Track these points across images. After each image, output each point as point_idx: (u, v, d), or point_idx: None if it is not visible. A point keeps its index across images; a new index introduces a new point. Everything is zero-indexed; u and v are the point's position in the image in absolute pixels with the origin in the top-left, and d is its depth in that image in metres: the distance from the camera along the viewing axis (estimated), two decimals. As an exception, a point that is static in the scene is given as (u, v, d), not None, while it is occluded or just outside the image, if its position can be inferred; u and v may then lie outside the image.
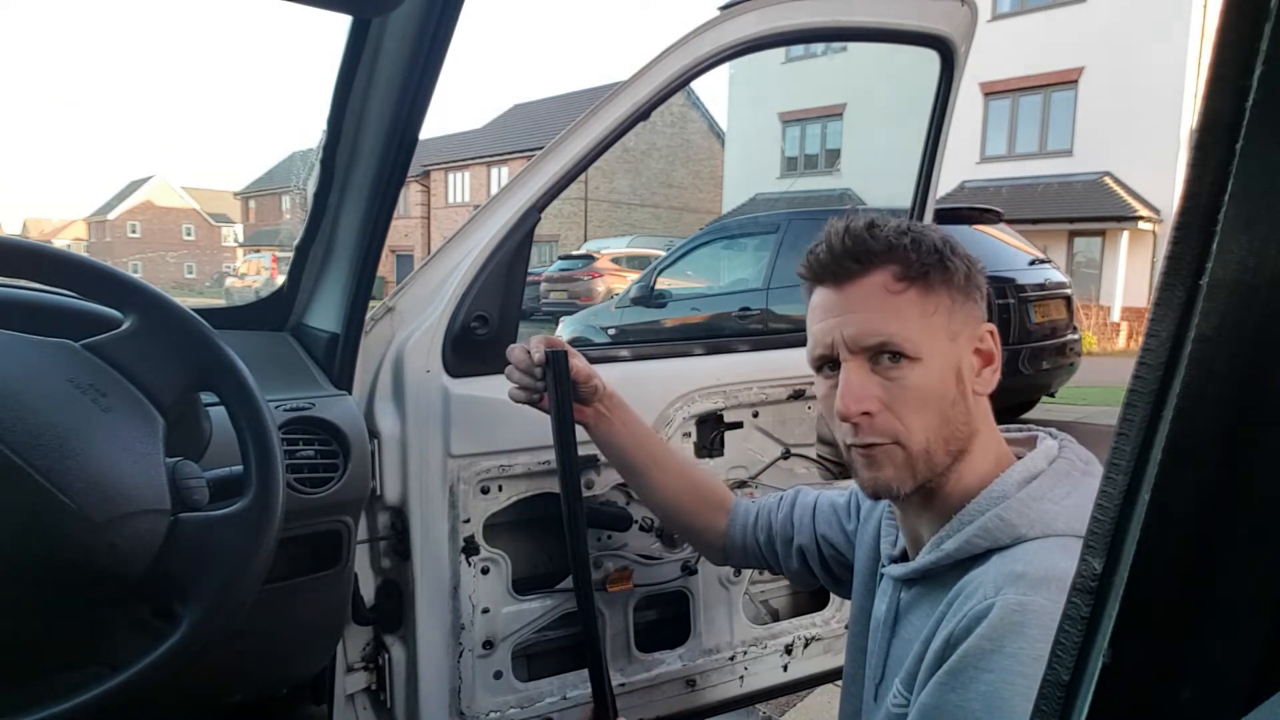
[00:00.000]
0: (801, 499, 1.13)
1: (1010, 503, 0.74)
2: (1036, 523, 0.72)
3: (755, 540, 1.13)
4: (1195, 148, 0.30)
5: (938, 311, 0.78)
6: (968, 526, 0.75)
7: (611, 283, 12.50)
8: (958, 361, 0.78)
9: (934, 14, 1.44)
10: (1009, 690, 0.64)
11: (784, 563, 1.12)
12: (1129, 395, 0.33)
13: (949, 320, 0.78)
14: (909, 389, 0.76)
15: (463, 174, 26.82)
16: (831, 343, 0.79)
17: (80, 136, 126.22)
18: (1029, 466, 0.77)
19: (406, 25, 0.97)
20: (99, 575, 0.66)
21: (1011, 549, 0.72)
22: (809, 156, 18.55)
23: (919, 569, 0.79)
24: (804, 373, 1.51)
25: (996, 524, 0.73)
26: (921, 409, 0.76)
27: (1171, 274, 0.31)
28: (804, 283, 0.84)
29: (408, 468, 1.19)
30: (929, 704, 0.70)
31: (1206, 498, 0.31)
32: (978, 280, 0.81)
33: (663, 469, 1.17)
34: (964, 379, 0.78)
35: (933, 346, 0.77)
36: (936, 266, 0.78)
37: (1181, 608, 0.32)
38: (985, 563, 0.73)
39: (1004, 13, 15.16)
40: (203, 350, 0.76)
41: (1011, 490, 0.75)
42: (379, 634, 1.28)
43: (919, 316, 0.77)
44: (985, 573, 0.72)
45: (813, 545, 1.08)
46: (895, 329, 0.76)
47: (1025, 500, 0.74)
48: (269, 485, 0.75)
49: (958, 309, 0.79)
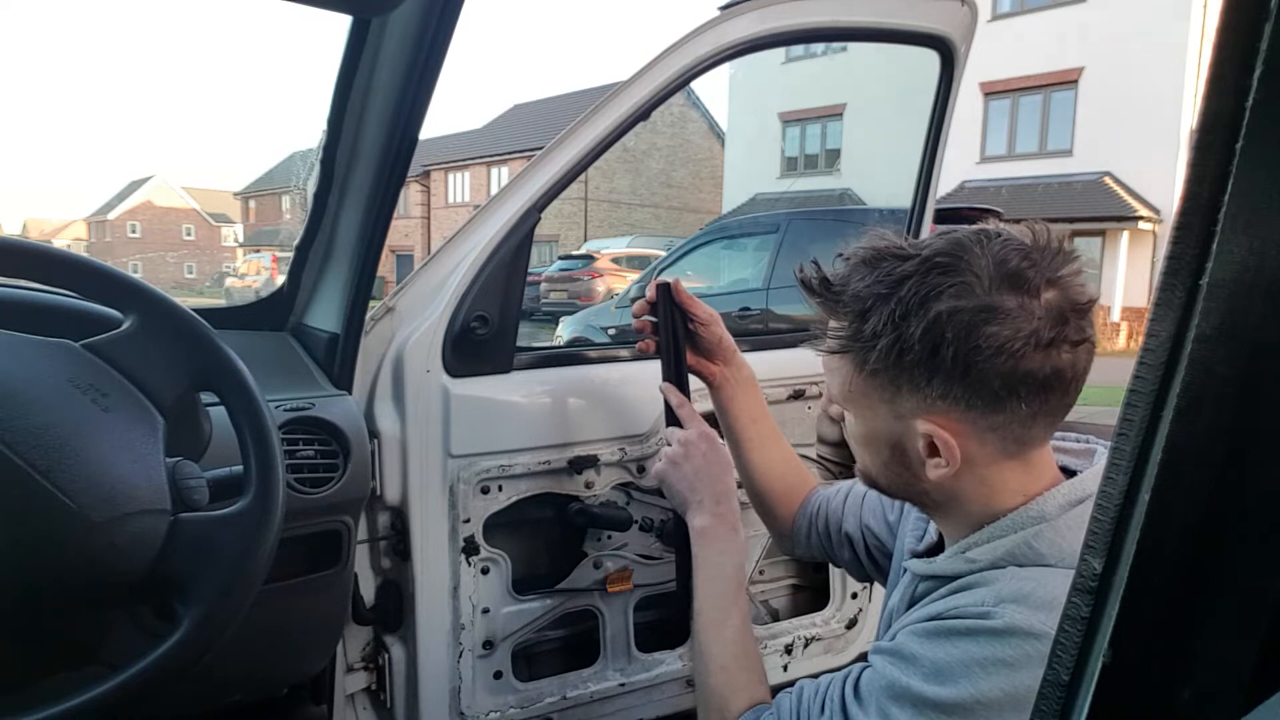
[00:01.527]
0: (855, 489, 1.12)
1: (1043, 529, 0.69)
2: (1066, 554, 0.68)
3: (816, 531, 1.14)
4: (1195, 148, 0.30)
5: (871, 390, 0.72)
6: (999, 540, 0.71)
7: (611, 283, 12.49)
8: (897, 438, 0.73)
9: (934, 14, 1.44)
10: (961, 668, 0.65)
11: (838, 553, 1.12)
12: (1129, 395, 0.33)
13: (891, 399, 0.71)
14: (846, 425, 0.79)
15: (463, 174, 26.81)
16: None
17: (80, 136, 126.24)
18: (1077, 489, 0.70)
19: (406, 25, 0.97)
20: (99, 575, 0.66)
21: (1026, 569, 0.69)
22: (809, 156, 18.54)
23: (941, 574, 0.76)
24: (804, 373, 1.51)
25: (1023, 549, 0.69)
26: (860, 450, 0.79)
27: (1171, 274, 0.31)
28: None
29: (408, 468, 1.19)
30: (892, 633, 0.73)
31: (1206, 498, 0.31)
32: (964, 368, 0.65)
33: (764, 452, 1.19)
34: (907, 455, 0.73)
35: (860, 414, 0.75)
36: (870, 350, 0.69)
37: (1181, 608, 0.32)
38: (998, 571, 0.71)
39: (1004, 13, 15.15)
40: (203, 350, 0.76)
41: (1052, 512, 0.69)
42: (379, 634, 1.28)
43: (847, 385, 0.74)
44: (993, 583, 0.69)
45: (858, 534, 1.08)
46: (830, 382, 0.78)
47: (1060, 529, 0.69)
48: (269, 485, 0.75)
49: (903, 398, 0.69)
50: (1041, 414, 0.68)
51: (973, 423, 0.68)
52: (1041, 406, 0.67)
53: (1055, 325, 0.65)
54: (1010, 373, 0.65)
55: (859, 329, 0.70)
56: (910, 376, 0.68)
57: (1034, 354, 0.64)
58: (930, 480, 0.72)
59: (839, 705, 0.74)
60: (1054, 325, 0.65)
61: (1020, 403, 0.66)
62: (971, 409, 0.67)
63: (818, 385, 1.51)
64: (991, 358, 0.64)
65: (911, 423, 0.70)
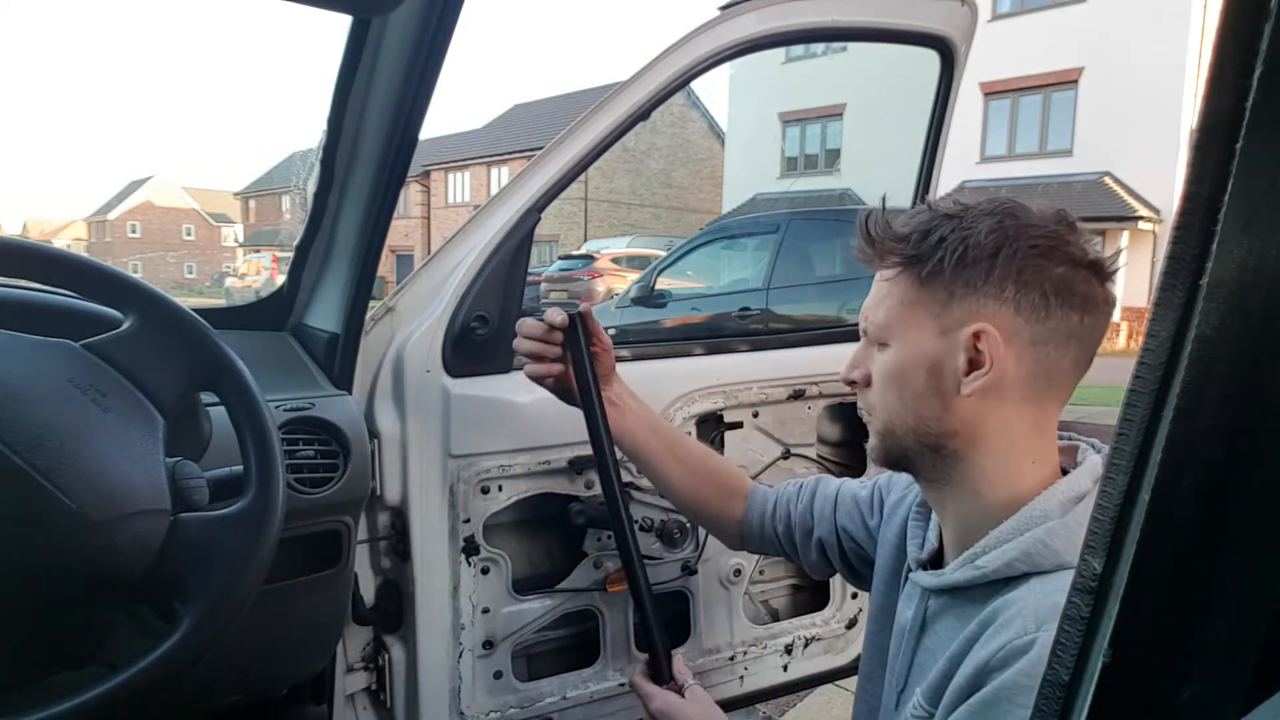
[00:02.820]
0: (822, 489, 1.11)
1: (1053, 526, 0.70)
2: None
3: (774, 529, 1.12)
4: (1195, 148, 0.30)
5: (920, 303, 0.75)
6: (1006, 545, 0.72)
7: (611, 283, 12.49)
8: (937, 357, 0.75)
9: (934, 14, 1.44)
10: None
11: (802, 554, 1.11)
12: (1129, 395, 0.32)
13: (940, 313, 0.74)
14: (879, 368, 0.80)
15: (463, 174, 26.81)
16: None
17: (80, 136, 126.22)
18: (1073, 486, 0.73)
19: (406, 25, 0.97)
20: (99, 575, 0.66)
21: (1052, 575, 0.69)
22: (809, 156, 18.54)
23: (949, 584, 0.76)
24: (804, 373, 1.51)
25: (1039, 549, 0.70)
26: (884, 391, 0.79)
27: (1171, 274, 0.31)
28: None
29: (408, 468, 1.19)
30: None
31: (1206, 498, 0.31)
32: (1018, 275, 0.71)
33: (678, 457, 1.16)
34: (942, 376, 0.75)
35: (903, 336, 0.77)
36: (929, 258, 0.74)
37: (1181, 608, 0.32)
38: (1023, 585, 0.70)
39: (1004, 13, 15.15)
40: (203, 350, 0.76)
41: (1054, 512, 0.71)
42: (379, 634, 1.28)
43: (898, 305, 0.77)
44: (1024, 600, 0.69)
45: (833, 538, 1.07)
46: (874, 315, 0.79)
47: (1070, 526, 0.70)
48: (269, 485, 0.75)
49: (955, 304, 0.73)
50: (1074, 342, 0.73)
51: (1018, 331, 0.72)
52: (1076, 331, 0.72)
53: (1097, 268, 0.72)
54: (1060, 280, 0.71)
55: (921, 242, 0.75)
56: (967, 277, 0.72)
57: (1081, 274, 0.71)
58: (960, 413, 0.74)
59: None
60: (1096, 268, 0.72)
61: (1064, 317, 0.71)
62: (1020, 314, 0.71)
63: (818, 385, 1.51)
64: (1047, 262, 0.71)
65: (956, 335, 0.73)
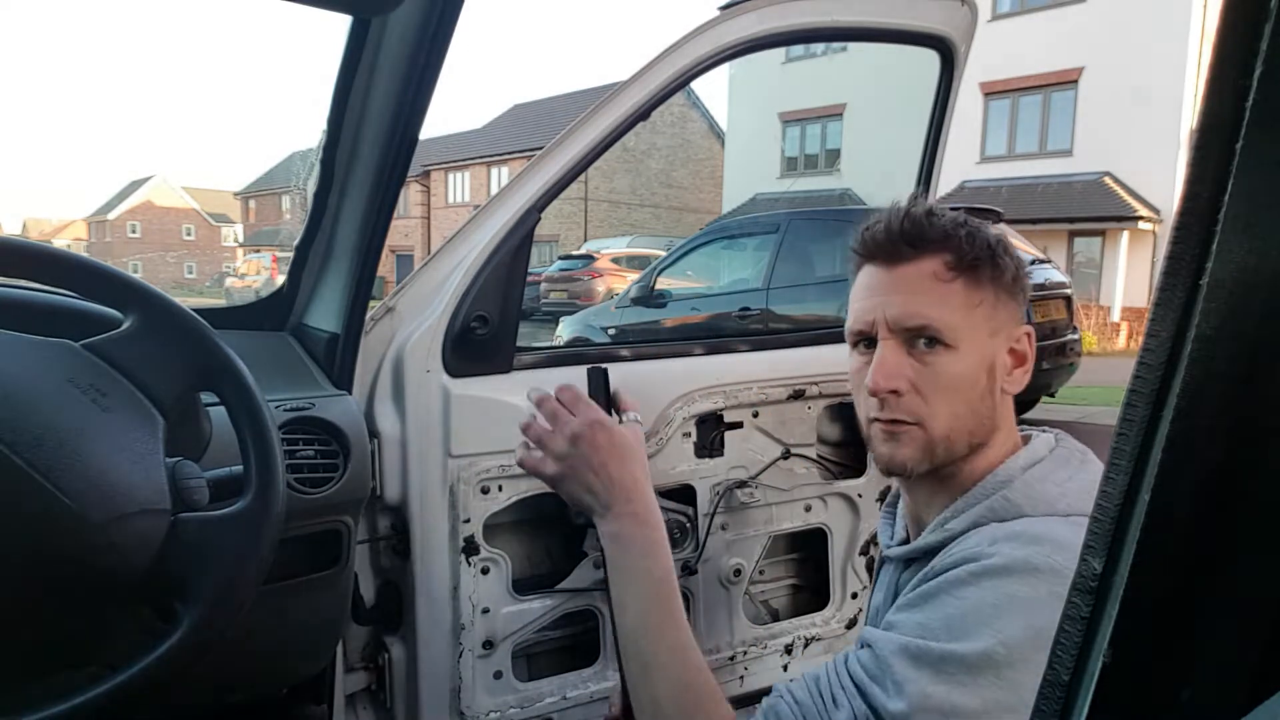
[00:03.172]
0: None
1: (1015, 484, 0.75)
2: (1040, 502, 0.74)
3: None
4: (1195, 148, 0.30)
5: (981, 305, 0.79)
6: (973, 508, 0.76)
7: (611, 283, 12.50)
8: (993, 357, 0.79)
9: (934, 14, 1.44)
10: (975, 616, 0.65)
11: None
12: (1129, 395, 0.32)
13: (991, 316, 0.79)
14: (940, 374, 0.78)
15: (463, 174, 26.81)
16: (873, 321, 0.80)
17: (80, 136, 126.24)
18: (1031, 454, 0.79)
19: (406, 25, 0.97)
20: (99, 575, 0.66)
21: (1010, 521, 0.74)
22: (809, 156, 18.55)
23: (921, 547, 0.80)
24: (804, 373, 1.51)
25: (1001, 504, 0.75)
26: (949, 396, 0.78)
27: (1171, 274, 0.31)
28: (853, 259, 0.85)
29: (408, 468, 1.19)
30: (889, 620, 0.71)
31: (1206, 498, 0.31)
32: (1024, 283, 0.83)
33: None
34: (995, 375, 0.79)
35: (970, 337, 0.78)
36: (987, 261, 0.79)
37: (1181, 608, 0.32)
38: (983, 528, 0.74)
39: (1004, 13, 15.15)
40: (203, 350, 0.76)
41: (1015, 474, 0.77)
42: (379, 634, 1.28)
43: (963, 307, 0.78)
44: (980, 532, 0.73)
45: None
46: (938, 314, 0.77)
47: (1029, 482, 0.76)
48: (269, 485, 0.75)
49: (1001, 306, 0.80)
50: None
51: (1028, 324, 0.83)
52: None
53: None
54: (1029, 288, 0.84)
55: (972, 243, 0.79)
56: (1009, 292, 0.81)
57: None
58: (999, 408, 0.80)
59: (854, 689, 0.69)
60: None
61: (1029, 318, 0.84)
62: (1024, 310, 0.83)
63: (818, 385, 1.51)
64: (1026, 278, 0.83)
65: (1000, 338, 0.80)
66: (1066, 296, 5.62)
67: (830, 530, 1.59)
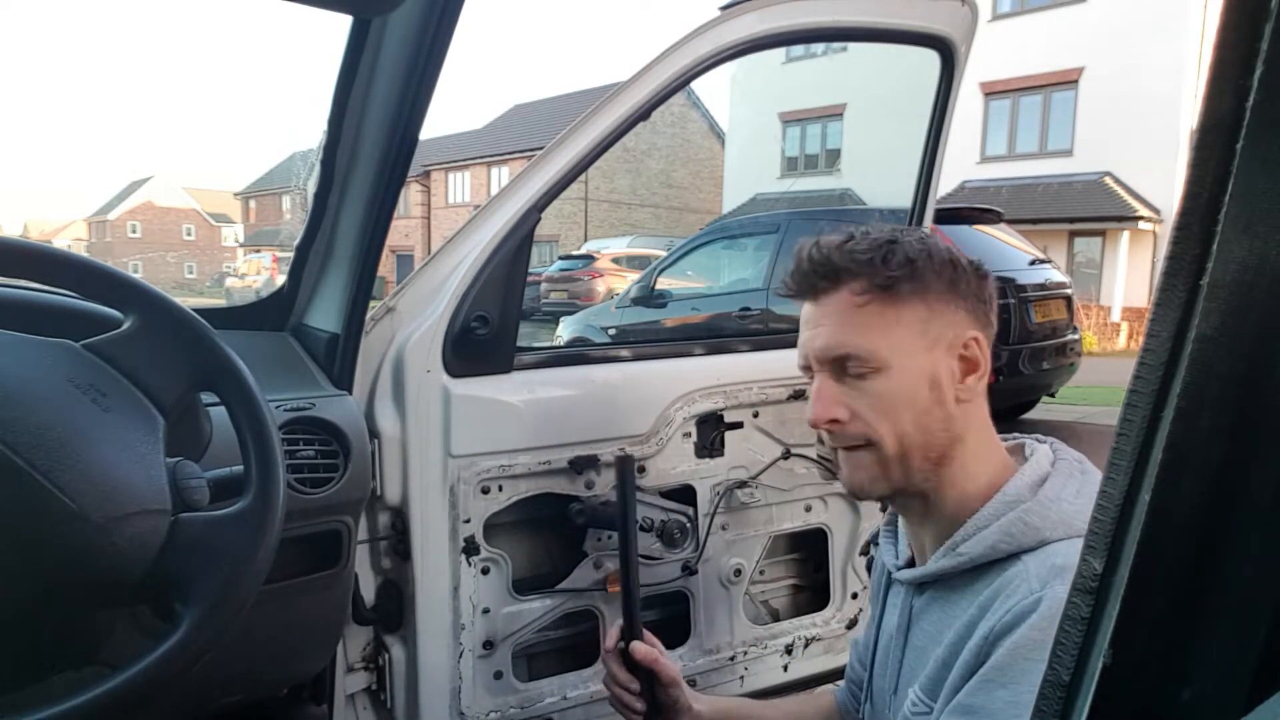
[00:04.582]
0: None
1: (1030, 505, 0.74)
2: (1059, 524, 0.73)
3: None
4: (1195, 148, 0.30)
5: (904, 322, 0.78)
6: (985, 530, 0.75)
7: (611, 283, 12.49)
8: (933, 369, 0.78)
9: (934, 14, 1.44)
10: None
11: None
12: (1129, 395, 0.33)
13: (923, 330, 0.78)
14: (875, 397, 0.78)
15: (463, 174, 26.80)
16: (806, 355, 0.82)
17: (80, 136, 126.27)
18: (1036, 470, 0.78)
19: (406, 25, 0.97)
20: (99, 576, 0.66)
21: (1042, 549, 0.72)
22: (809, 156, 18.53)
23: (933, 573, 0.79)
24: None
25: (1020, 528, 0.73)
26: (891, 416, 0.78)
27: (1171, 274, 0.31)
28: None
29: (408, 468, 1.19)
30: (972, 704, 0.68)
31: (1206, 498, 0.31)
32: (971, 288, 0.80)
33: None
34: (942, 386, 0.78)
35: (901, 355, 0.77)
36: (907, 278, 0.78)
37: (1181, 608, 0.32)
38: (1017, 563, 0.73)
39: (1004, 13, 15.14)
40: (203, 350, 0.76)
41: (1026, 494, 0.75)
42: (379, 634, 1.28)
43: (882, 327, 0.78)
44: (1024, 570, 0.71)
45: None
46: (856, 341, 0.78)
47: (1044, 503, 0.74)
48: (269, 485, 0.75)
49: (936, 318, 0.78)
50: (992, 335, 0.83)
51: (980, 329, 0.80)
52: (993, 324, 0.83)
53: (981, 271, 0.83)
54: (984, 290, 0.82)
55: (887, 261, 0.78)
56: (945, 300, 0.79)
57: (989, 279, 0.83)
58: (955, 417, 0.78)
59: None
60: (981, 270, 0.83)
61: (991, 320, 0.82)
62: (974, 316, 0.80)
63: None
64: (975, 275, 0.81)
65: (940, 349, 0.78)
66: (1067, 296, 5.61)
67: (830, 530, 1.59)
